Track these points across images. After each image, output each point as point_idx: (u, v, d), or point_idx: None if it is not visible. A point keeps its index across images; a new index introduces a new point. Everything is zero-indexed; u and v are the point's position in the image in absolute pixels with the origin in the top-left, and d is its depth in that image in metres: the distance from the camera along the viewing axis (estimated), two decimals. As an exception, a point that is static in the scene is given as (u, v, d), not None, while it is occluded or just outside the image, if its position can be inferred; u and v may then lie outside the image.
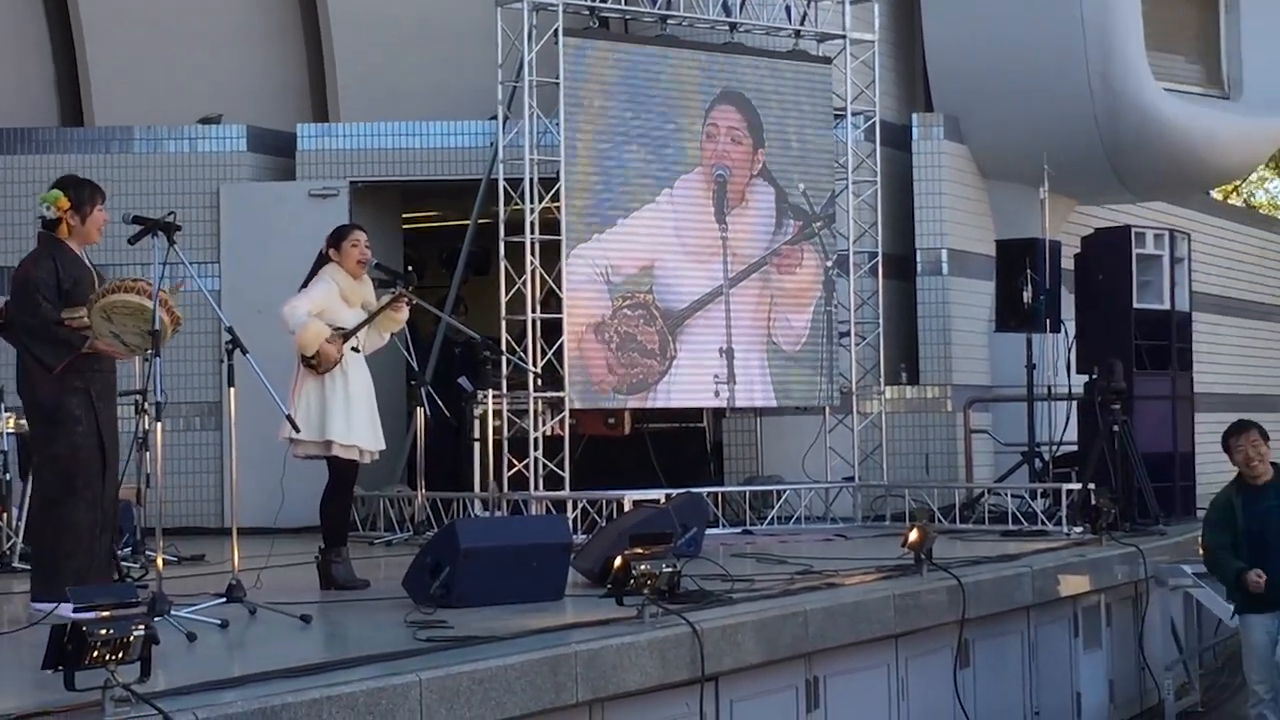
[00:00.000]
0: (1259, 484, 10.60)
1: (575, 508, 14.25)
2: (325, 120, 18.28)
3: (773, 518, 15.77)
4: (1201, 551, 11.22)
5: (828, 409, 16.55)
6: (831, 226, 16.59)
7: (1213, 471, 20.99)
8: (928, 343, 18.63)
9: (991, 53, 18.90)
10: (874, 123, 17.15)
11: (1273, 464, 10.67)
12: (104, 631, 5.91)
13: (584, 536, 12.50)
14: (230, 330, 9.31)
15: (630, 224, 15.35)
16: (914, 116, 19.16)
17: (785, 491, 16.04)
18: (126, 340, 8.75)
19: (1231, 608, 11.19)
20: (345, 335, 10.53)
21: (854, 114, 17.04)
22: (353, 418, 10.50)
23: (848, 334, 16.75)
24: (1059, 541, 13.79)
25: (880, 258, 17.04)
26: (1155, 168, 19.75)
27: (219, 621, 8.55)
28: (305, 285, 10.73)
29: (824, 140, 16.68)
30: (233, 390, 9.47)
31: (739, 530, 15.38)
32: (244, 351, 9.18)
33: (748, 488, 16.30)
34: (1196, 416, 17.41)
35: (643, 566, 8.48)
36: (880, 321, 17.00)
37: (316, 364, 10.40)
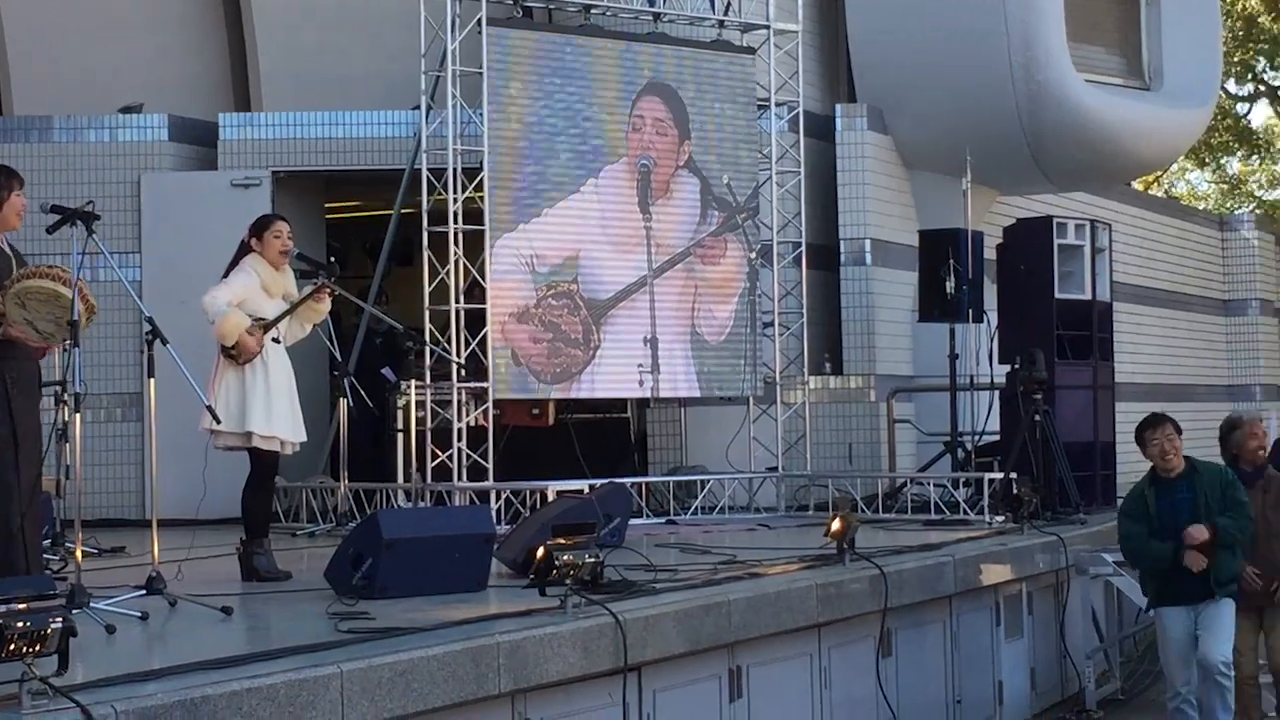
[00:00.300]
0: (1172, 476, 10.60)
1: (499, 498, 14.22)
2: (247, 109, 18.19)
3: (697, 508, 15.79)
4: (1120, 544, 11.21)
5: (751, 399, 16.56)
6: (755, 217, 16.60)
7: (1134, 461, 21.13)
8: (851, 333, 18.69)
9: (914, 44, 18.96)
10: (798, 113, 17.17)
11: (1186, 457, 10.68)
12: (21, 624, 5.84)
13: (507, 527, 12.46)
14: (150, 321, 9.22)
15: (555, 214, 15.33)
16: (837, 107, 19.21)
17: (709, 482, 16.06)
18: (40, 327, 8.59)
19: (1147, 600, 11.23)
20: (266, 326, 10.48)
21: (778, 104, 17.07)
22: (273, 409, 10.44)
23: (771, 324, 16.78)
24: (981, 531, 13.86)
25: (804, 248, 17.09)
26: (1076, 158, 19.85)
27: (139, 614, 8.48)
28: (226, 275, 10.66)
29: (748, 131, 16.69)
30: (153, 381, 9.38)
31: (663, 520, 15.38)
32: (164, 342, 9.09)
33: (672, 478, 16.31)
34: (1117, 406, 17.53)
35: (565, 557, 8.48)
36: (804, 312, 17.03)
37: (236, 355, 10.34)
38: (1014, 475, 14.50)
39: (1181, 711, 10.51)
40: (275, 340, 10.54)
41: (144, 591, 8.99)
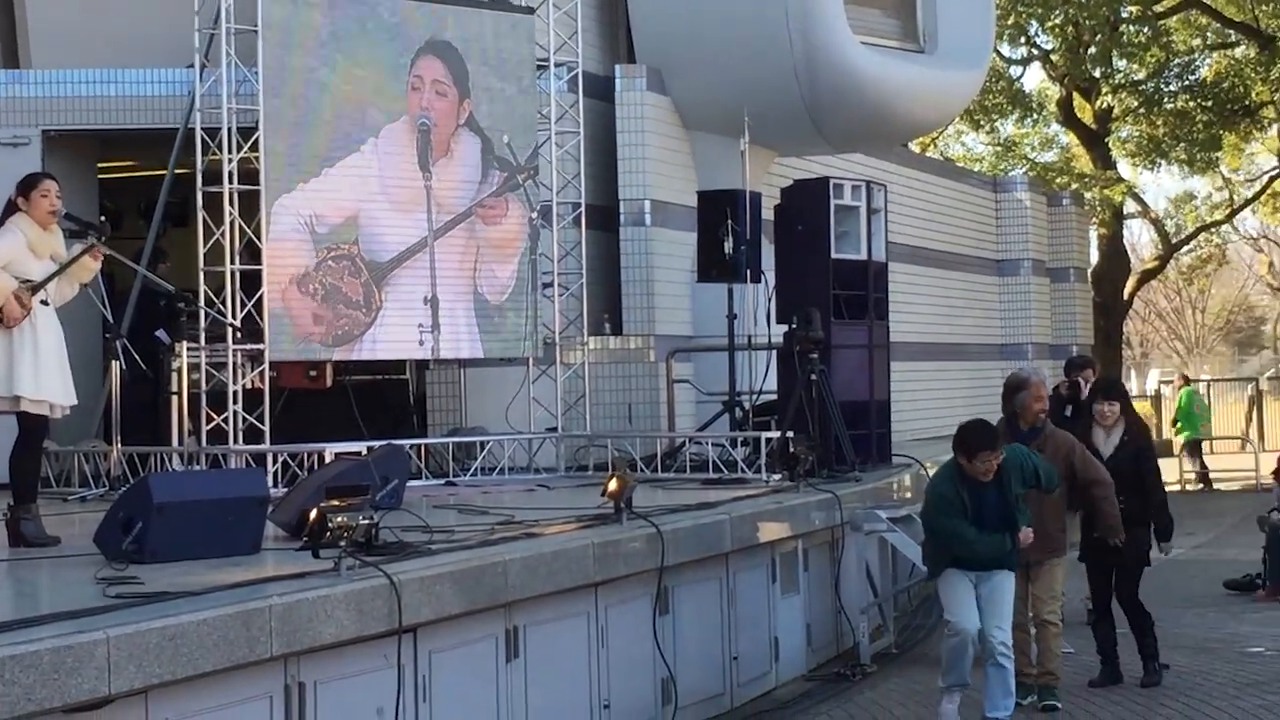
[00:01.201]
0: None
1: (276, 461, 14.11)
2: (15, 67, 17.76)
3: (476, 469, 15.78)
4: (949, 541, 11.03)
5: (531, 360, 16.57)
6: (535, 178, 16.58)
7: (909, 418, 21.57)
8: (631, 293, 18.79)
9: (693, 6, 19.08)
10: (577, 74, 17.18)
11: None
12: None
13: (284, 490, 12.36)
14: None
15: (334, 174, 15.18)
16: (617, 68, 19.27)
17: (489, 443, 16.06)
18: None
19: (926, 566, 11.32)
20: (34, 288, 10.27)
21: (557, 65, 17.07)
22: (42, 372, 10.25)
23: (551, 285, 16.79)
24: (758, 489, 13.99)
25: (583, 209, 17.11)
26: (853, 120, 20.10)
27: (-99, 581, 8.31)
28: (-8, 236, 10.42)
29: (528, 91, 16.65)
30: (-84, 344, 9.18)
31: (442, 482, 15.36)
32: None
33: (451, 439, 16.28)
34: (893, 365, 17.77)
35: (339, 519, 8.44)
36: (583, 272, 17.07)
37: (2, 318, 10.12)
38: (791, 434, 14.62)
39: (962, 644, 10.49)
40: (44, 303, 10.34)
41: (-93, 558, 8.80)
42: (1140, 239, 63.41)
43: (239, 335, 14.47)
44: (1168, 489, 12.85)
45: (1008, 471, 10.47)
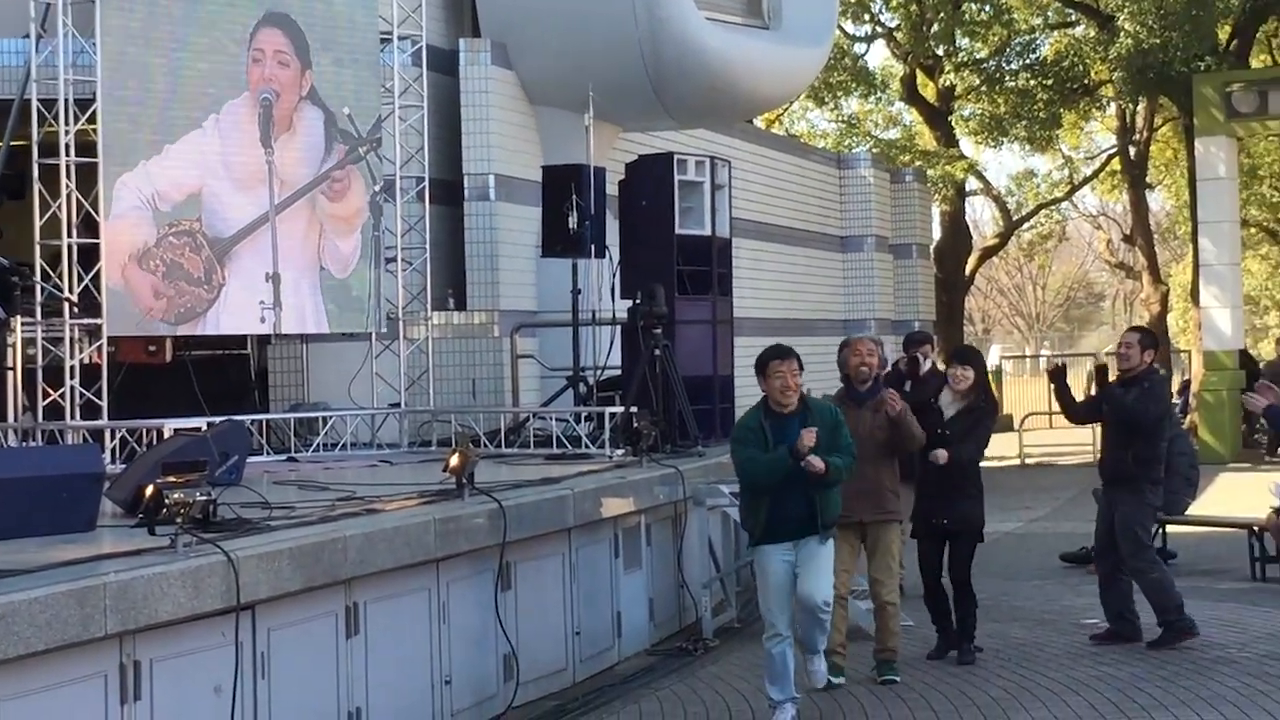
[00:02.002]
0: (785, 412, 10.39)
1: (114, 437, 13.91)
2: None
3: (318, 445, 15.66)
4: (738, 468, 11.05)
5: (374, 335, 16.48)
6: (378, 150, 16.46)
7: (752, 394, 21.66)
8: (475, 268, 18.75)
9: (537, -21, 19.03)
10: (421, 48, 17.08)
11: (800, 394, 10.48)
12: None
13: (123, 466, 12.21)
14: None
15: (176, 151, 14.95)
16: (462, 42, 19.19)
17: (331, 418, 15.95)
18: None
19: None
20: None
21: (401, 38, 16.97)
22: None
23: (394, 259, 16.70)
24: (602, 464, 14.01)
25: (427, 183, 17.04)
26: (697, 95, 20.15)
27: None
28: None
29: (370, 63, 16.51)
30: None
31: (284, 458, 15.24)
32: None
33: (292, 415, 16.15)
34: (736, 341, 17.86)
35: (176, 495, 8.38)
36: (427, 247, 17.01)
37: None
38: (634, 409, 14.66)
39: (782, 654, 10.33)
40: None
41: None
42: (982, 216, 64.28)
43: (76, 310, 14.26)
44: (1003, 464, 13.01)
45: (814, 414, 10.35)
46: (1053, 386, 13.35)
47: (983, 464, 12.35)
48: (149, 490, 8.40)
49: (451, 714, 10.48)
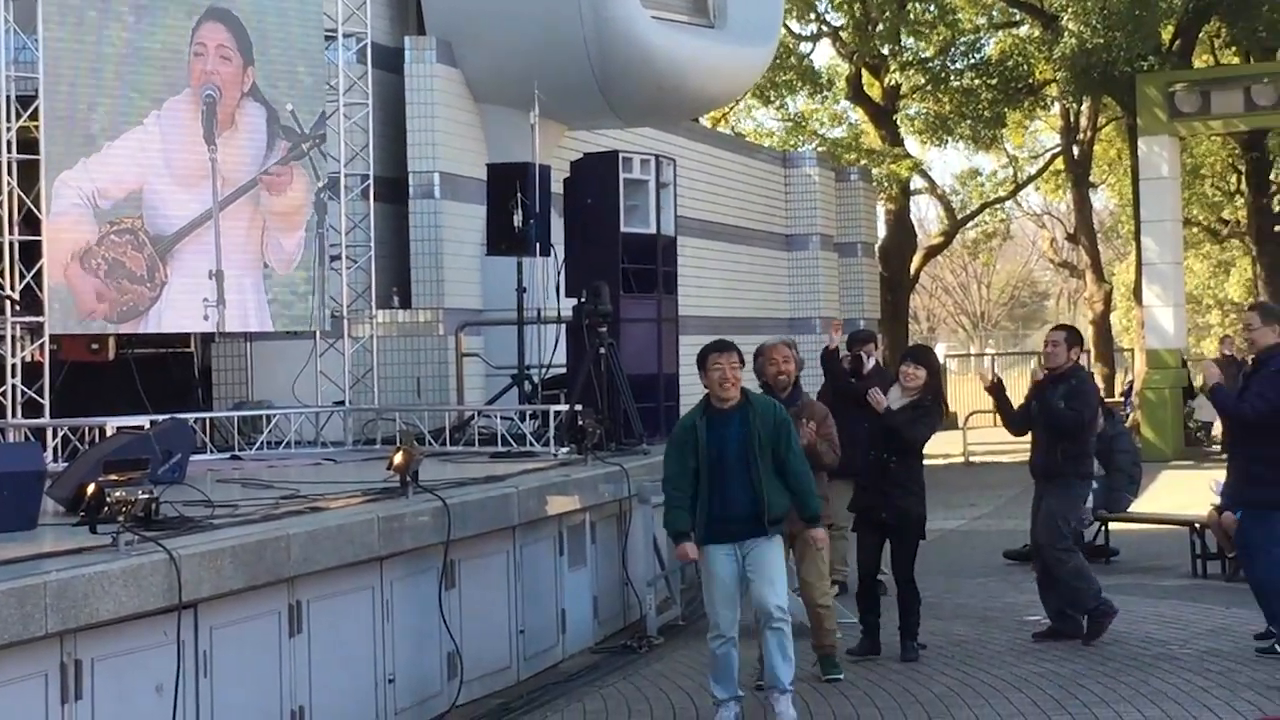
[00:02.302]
0: (725, 408, 10.26)
1: (56, 435, 13.84)
2: None
3: (262, 443, 15.62)
4: (664, 479, 10.97)
5: (318, 333, 16.43)
6: (323, 148, 16.41)
7: (696, 392, 21.68)
8: (420, 266, 18.72)
9: (483, -23, 19.01)
10: (366, 45, 17.05)
11: (742, 389, 10.37)
12: None
13: (65, 464, 12.15)
14: None
15: (117, 148, 14.86)
16: (407, 40, 19.17)
17: (275, 416, 15.90)
18: None
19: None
20: None
21: (346, 36, 16.93)
22: None
23: (339, 257, 16.66)
24: (546, 462, 13.99)
25: (372, 181, 17.01)
26: (642, 93, 20.16)
27: None
28: None
29: (314, 59, 16.46)
30: None
31: (227, 456, 15.18)
32: None
33: (236, 413, 16.08)
34: (681, 339, 17.88)
35: (118, 493, 8.33)
36: (372, 245, 16.97)
37: None
38: (579, 407, 14.66)
39: (727, 654, 10.22)
40: None
41: None
42: (927, 215, 64.52)
43: (17, 308, 14.17)
44: (947, 461, 13.05)
45: (755, 410, 10.20)
46: (994, 401, 13.41)
47: (927, 462, 12.41)
48: (91, 488, 8.36)
49: (395, 712, 10.45)
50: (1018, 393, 13.88)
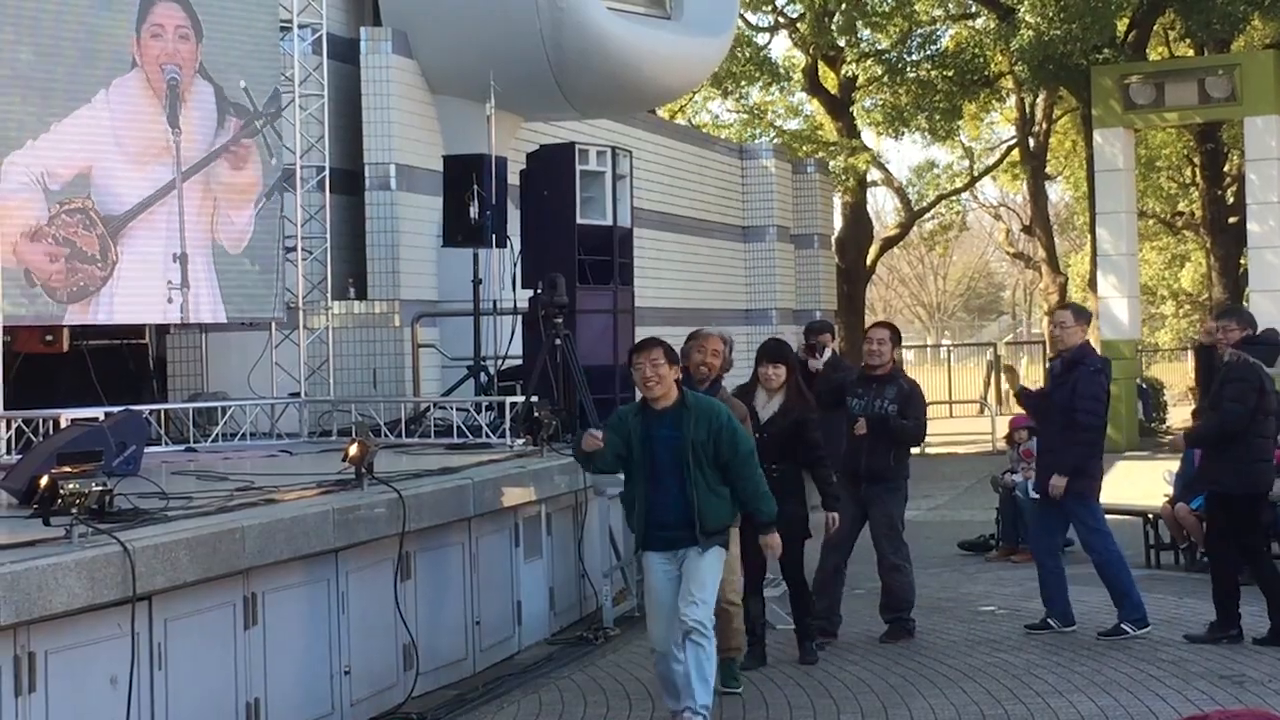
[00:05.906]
0: (658, 408, 9.93)
1: (9, 428, 13.77)
2: None
3: (217, 435, 15.57)
4: None
5: (274, 324, 16.39)
6: (277, 129, 16.31)
7: (654, 383, 21.64)
8: (376, 258, 18.68)
9: (438, -32, 18.97)
10: (321, 35, 17.01)
11: (682, 390, 10.03)
12: None
13: (18, 457, 12.10)
14: None
15: (65, 127, 14.69)
16: (363, 30, 19.11)
17: (230, 408, 15.86)
18: None
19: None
20: None
21: (301, 26, 16.89)
22: None
23: (294, 249, 16.62)
24: (502, 454, 14.00)
25: (328, 172, 16.99)
26: (598, 85, 20.14)
27: None
28: None
29: (265, 36, 16.32)
30: None
31: (182, 448, 15.13)
32: None
33: (191, 405, 16.03)
34: (638, 331, 17.82)
35: (71, 485, 8.30)
36: (328, 236, 16.96)
37: None
38: (535, 399, 14.67)
39: (667, 669, 9.92)
40: None
41: None
42: (884, 206, 64.63)
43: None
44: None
45: (692, 413, 9.82)
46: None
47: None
48: (44, 480, 8.33)
49: (351, 704, 10.45)
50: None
